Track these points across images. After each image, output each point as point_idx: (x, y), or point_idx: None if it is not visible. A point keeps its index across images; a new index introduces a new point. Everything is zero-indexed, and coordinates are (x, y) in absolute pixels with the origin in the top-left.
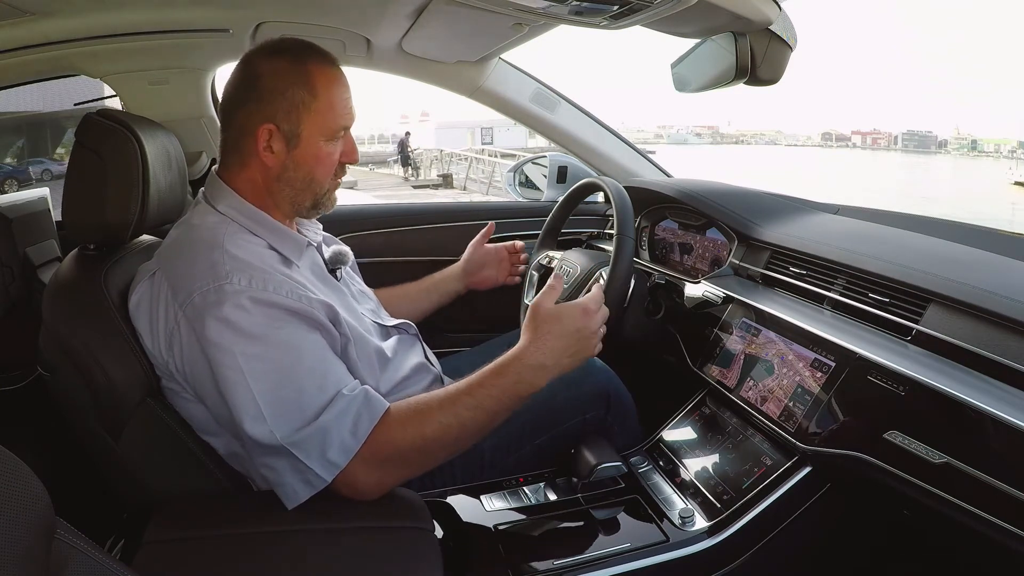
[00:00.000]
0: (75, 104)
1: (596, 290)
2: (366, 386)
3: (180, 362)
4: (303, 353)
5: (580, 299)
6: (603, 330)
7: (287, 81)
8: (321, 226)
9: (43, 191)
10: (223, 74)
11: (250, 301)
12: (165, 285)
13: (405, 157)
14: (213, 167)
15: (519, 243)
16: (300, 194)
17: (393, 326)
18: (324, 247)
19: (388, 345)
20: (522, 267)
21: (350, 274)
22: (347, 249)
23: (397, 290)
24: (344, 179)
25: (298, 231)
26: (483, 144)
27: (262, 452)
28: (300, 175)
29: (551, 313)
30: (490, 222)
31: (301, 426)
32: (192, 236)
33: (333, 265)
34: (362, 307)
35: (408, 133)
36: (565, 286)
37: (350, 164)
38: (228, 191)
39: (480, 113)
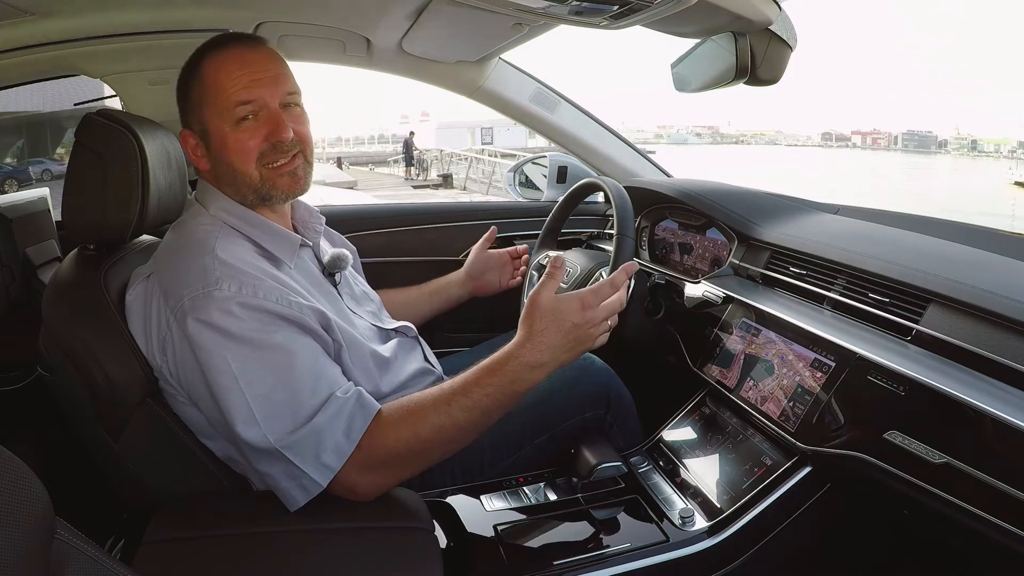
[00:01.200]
0: (75, 104)
1: (600, 284)
2: (359, 388)
3: (173, 366)
4: (296, 356)
5: (579, 291)
6: (611, 322)
7: (188, 81)
8: (324, 220)
9: (43, 191)
10: None
11: (239, 307)
12: (158, 289)
13: (410, 157)
14: None
15: (522, 247)
16: (240, 190)
17: (393, 329)
18: (327, 246)
19: (387, 348)
20: (523, 268)
21: (353, 275)
22: (347, 253)
23: (399, 293)
24: (344, 179)
25: (296, 229)
26: (483, 144)
27: (257, 456)
28: (224, 170)
29: (549, 307)
30: (492, 226)
31: (294, 429)
32: (185, 239)
33: (331, 269)
34: (362, 309)
35: (413, 133)
36: (564, 284)
37: (280, 142)
38: (215, 191)
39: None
